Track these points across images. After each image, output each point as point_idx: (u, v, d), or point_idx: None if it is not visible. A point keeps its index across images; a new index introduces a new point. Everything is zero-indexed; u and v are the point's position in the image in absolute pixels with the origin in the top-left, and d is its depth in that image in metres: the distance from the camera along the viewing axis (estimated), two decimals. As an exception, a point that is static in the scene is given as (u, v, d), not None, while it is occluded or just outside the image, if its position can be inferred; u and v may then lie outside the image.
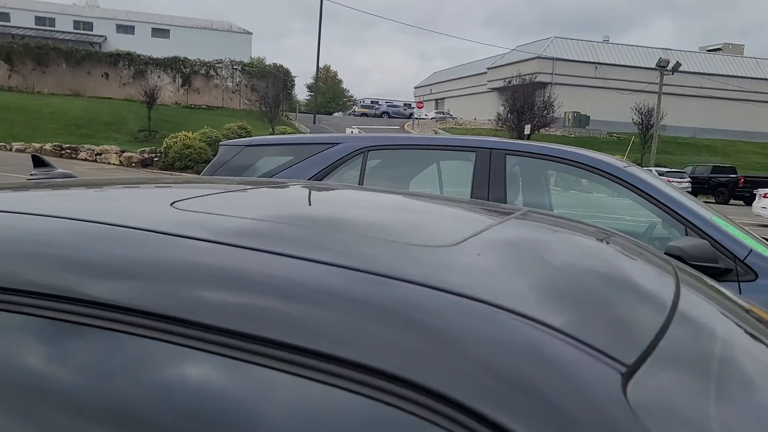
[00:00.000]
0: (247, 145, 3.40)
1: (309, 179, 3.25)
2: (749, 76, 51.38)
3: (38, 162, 1.56)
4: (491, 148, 3.15)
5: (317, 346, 0.64)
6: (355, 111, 58.97)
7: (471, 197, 3.09)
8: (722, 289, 1.14)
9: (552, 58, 48.73)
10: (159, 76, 37.20)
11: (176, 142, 24.32)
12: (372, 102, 60.55)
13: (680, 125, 45.01)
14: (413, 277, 0.74)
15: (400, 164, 3.36)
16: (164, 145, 24.87)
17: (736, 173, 29.91)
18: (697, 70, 49.02)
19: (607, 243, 1.16)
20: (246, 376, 0.66)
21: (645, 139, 35.57)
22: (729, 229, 2.93)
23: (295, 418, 0.64)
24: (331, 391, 0.62)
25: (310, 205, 1.29)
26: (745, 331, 0.98)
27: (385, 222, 1.09)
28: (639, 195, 3.00)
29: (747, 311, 1.07)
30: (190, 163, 23.75)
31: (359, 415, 0.62)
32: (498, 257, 0.91)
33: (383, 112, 55.34)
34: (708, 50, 57.63)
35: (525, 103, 33.72)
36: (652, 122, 34.78)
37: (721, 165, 31.81)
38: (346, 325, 0.66)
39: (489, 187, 3.08)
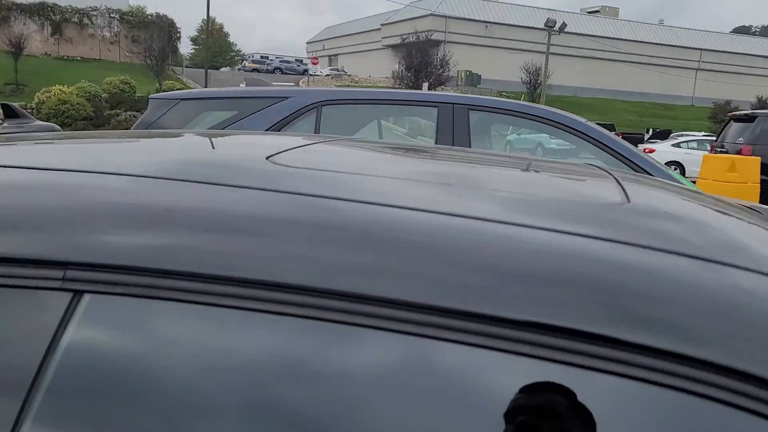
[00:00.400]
0: (182, 99, 2.99)
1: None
2: (624, 38, 54.71)
3: (9, 112, 1.17)
4: (454, 103, 3.01)
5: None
6: (245, 66, 56.59)
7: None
8: None
9: (445, 16, 49.11)
10: (24, 24, 33.51)
11: (50, 97, 22.12)
12: (262, 57, 58.38)
13: (564, 84, 47.28)
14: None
15: (357, 120, 3.12)
16: (36, 100, 22.55)
17: (615, 130, 32.05)
18: (579, 31, 51.42)
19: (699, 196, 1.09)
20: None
21: (533, 98, 37.03)
22: (683, 181, 3.05)
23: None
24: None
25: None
26: None
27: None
28: (599, 148, 3.05)
29: None
30: (67, 120, 21.76)
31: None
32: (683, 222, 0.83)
33: (276, 68, 53.49)
34: (588, 12, 60.64)
35: (422, 60, 33.84)
36: (539, 81, 36.20)
37: (603, 123, 33.87)
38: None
39: (453, 143, 2.94)
